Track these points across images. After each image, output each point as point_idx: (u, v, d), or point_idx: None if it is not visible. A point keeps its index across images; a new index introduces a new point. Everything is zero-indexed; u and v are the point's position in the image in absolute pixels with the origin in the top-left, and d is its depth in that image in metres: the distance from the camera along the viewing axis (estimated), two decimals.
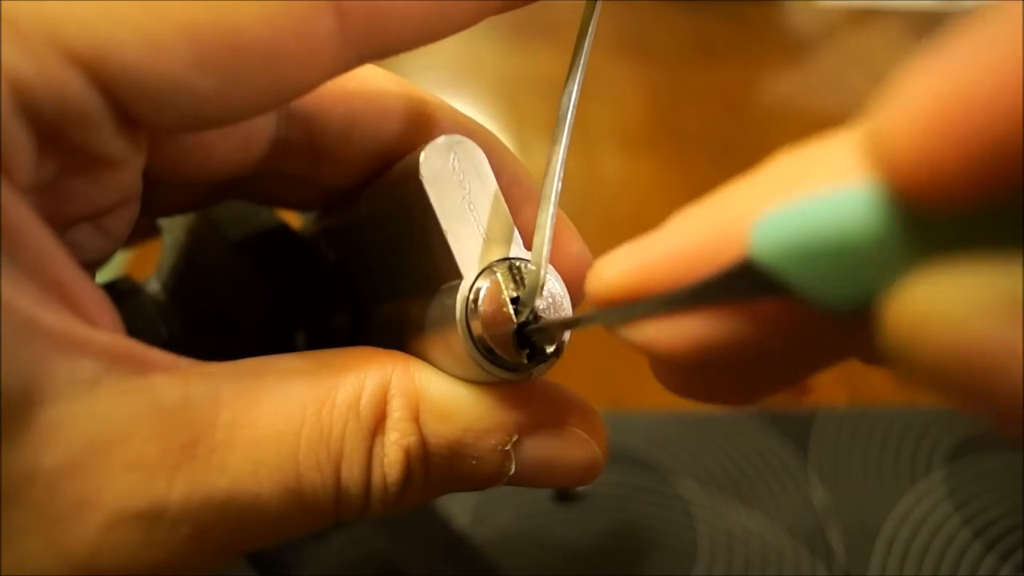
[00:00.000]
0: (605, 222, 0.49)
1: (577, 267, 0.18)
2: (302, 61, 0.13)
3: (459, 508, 0.32)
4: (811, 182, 0.09)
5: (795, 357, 0.12)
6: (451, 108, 0.18)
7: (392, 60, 0.14)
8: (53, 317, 0.12)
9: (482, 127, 0.18)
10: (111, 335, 0.13)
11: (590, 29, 0.15)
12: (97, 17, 0.12)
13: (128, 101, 0.12)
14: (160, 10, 0.12)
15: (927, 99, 0.07)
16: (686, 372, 0.13)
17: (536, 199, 0.15)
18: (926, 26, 0.74)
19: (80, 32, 0.12)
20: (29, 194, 0.13)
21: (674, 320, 0.11)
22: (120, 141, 0.13)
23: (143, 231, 0.22)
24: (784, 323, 0.10)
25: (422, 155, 0.15)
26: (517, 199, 0.17)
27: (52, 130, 0.12)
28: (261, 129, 0.17)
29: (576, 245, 0.18)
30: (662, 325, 0.11)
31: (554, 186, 0.15)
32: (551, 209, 0.15)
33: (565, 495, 0.34)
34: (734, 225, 0.10)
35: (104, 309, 0.14)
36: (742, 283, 0.10)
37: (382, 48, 0.14)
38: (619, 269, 0.12)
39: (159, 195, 0.17)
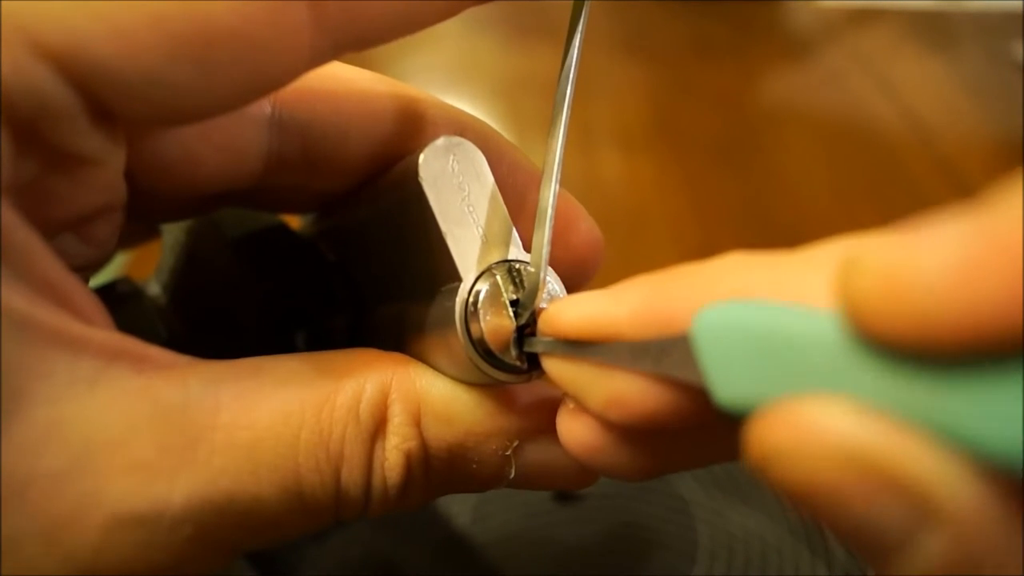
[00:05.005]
0: (604, 221, 0.49)
1: (587, 243, 0.18)
2: (277, 51, 0.13)
3: (459, 508, 0.32)
4: (769, 292, 0.11)
5: (697, 443, 0.13)
6: (443, 103, 0.18)
7: (390, 60, 0.14)
8: (48, 316, 0.12)
9: (476, 119, 0.18)
10: (108, 333, 0.13)
11: (580, 25, 0.15)
12: (69, 12, 0.12)
13: (102, 96, 0.12)
14: (132, 3, 0.12)
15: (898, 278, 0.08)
16: (609, 436, 0.13)
17: (538, 182, 0.15)
18: (926, 26, 0.74)
19: (52, 28, 0.12)
20: (10, 195, 0.12)
21: (628, 378, 0.12)
22: (97, 137, 0.13)
23: (142, 233, 0.22)
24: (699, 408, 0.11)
25: (421, 157, 0.15)
26: (521, 185, 0.17)
27: (28, 128, 0.12)
28: (252, 143, 0.17)
29: (584, 222, 0.18)
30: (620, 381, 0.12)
31: (552, 187, 0.15)
32: (550, 211, 0.15)
33: (565, 495, 0.34)
34: (678, 305, 0.11)
35: (96, 308, 0.14)
36: (675, 357, 0.11)
37: (358, 39, 0.14)
38: (576, 313, 0.13)
39: (152, 205, 0.17)
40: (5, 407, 0.12)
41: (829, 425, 0.09)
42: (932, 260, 0.08)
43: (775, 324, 0.10)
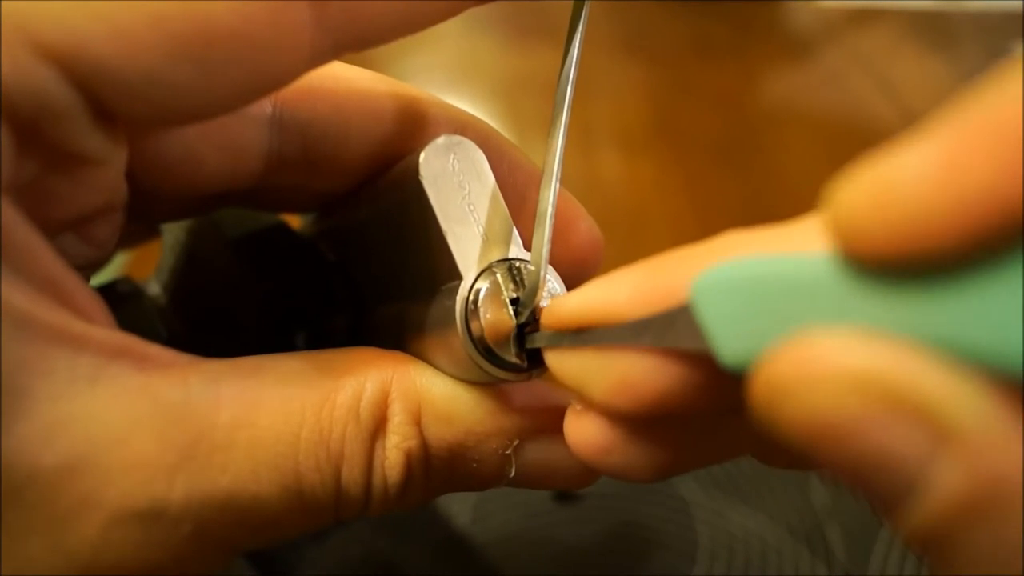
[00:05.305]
0: (604, 221, 0.49)
1: (587, 242, 0.18)
2: (278, 51, 0.13)
3: (459, 507, 0.32)
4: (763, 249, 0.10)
5: (713, 430, 0.13)
6: (443, 103, 0.18)
7: (390, 60, 0.14)
8: (49, 313, 0.12)
9: (477, 119, 0.18)
10: (109, 331, 0.13)
11: (580, 25, 0.15)
12: (70, 12, 0.12)
13: (103, 96, 0.12)
14: (132, 3, 0.12)
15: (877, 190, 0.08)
16: (620, 428, 0.13)
17: (538, 181, 0.15)
18: (926, 26, 0.74)
19: (53, 28, 0.12)
20: (11, 195, 0.12)
21: (637, 359, 0.12)
22: (98, 137, 0.13)
23: (142, 233, 0.22)
24: (711, 385, 0.11)
25: (422, 156, 0.15)
26: (521, 184, 0.17)
27: (29, 127, 0.12)
28: (253, 143, 0.17)
29: (584, 222, 0.18)
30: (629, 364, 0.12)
31: (552, 186, 0.15)
32: (550, 210, 0.15)
33: (565, 495, 0.34)
34: (675, 281, 0.11)
35: (97, 306, 0.14)
36: (678, 327, 0.11)
37: (359, 39, 0.14)
38: (577, 300, 0.13)
39: (153, 205, 0.17)
40: (6, 405, 0.12)
41: (836, 354, 0.08)
42: (914, 161, 0.08)
43: (770, 272, 0.10)
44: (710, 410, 0.12)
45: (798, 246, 0.10)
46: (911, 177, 0.08)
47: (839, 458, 0.09)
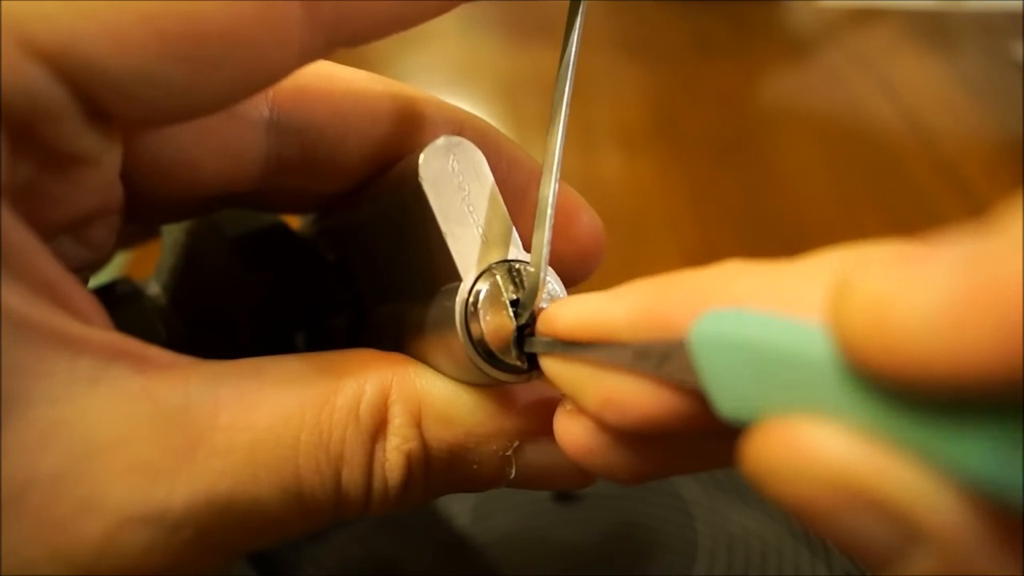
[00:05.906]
0: (605, 221, 0.49)
1: (589, 234, 0.18)
2: (269, 48, 0.13)
3: (459, 508, 0.32)
4: (767, 301, 0.10)
5: (696, 449, 0.13)
6: (440, 102, 0.18)
7: (389, 59, 0.14)
8: (47, 316, 0.12)
9: (475, 117, 0.18)
10: (107, 333, 0.13)
11: (577, 23, 0.15)
12: (61, 12, 0.12)
13: (96, 95, 0.12)
14: (122, 3, 0.12)
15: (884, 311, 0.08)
16: (609, 439, 0.13)
17: (539, 177, 0.15)
18: (926, 26, 0.74)
19: (45, 27, 0.12)
20: (7, 197, 0.12)
21: (631, 382, 0.12)
22: (91, 137, 0.13)
23: (142, 233, 0.22)
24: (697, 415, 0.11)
25: (421, 157, 0.15)
26: (521, 181, 0.17)
27: (23, 128, 0.12)
28: (250, 147, 0.17)
29: (586, 215, 0.18)
30: (623, 386, 0.12)
31: (552, 187, 0.15)
32: (549, 211, 0.15)
33: (565, 495, 0.34)
34: (674, 310, 0.11)
35: (95, 308, 0.14)
36: (676, 362, 0.11)
37: (351, 35, 0.14)
38: (573, 314, 0.13)
39: (151, 208, 0.17)
40: (4, 408, 0.12)
41: (818, 447, 0.09)
42: (923, 297, 0.08)
43: (772, 338, 0.10)
44: (697, 434, 0.12)
45: (800, 298, 0.10)
46: (916, 315, 0.08)
47: (822, 530, 0.09)
